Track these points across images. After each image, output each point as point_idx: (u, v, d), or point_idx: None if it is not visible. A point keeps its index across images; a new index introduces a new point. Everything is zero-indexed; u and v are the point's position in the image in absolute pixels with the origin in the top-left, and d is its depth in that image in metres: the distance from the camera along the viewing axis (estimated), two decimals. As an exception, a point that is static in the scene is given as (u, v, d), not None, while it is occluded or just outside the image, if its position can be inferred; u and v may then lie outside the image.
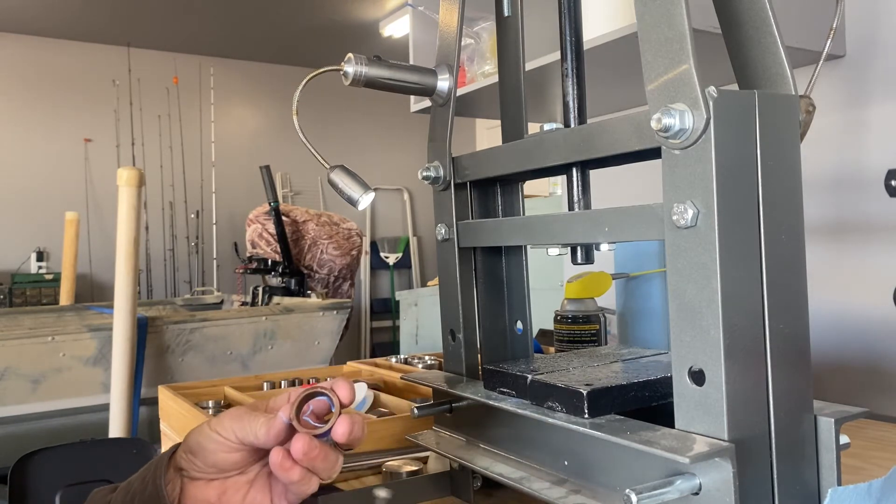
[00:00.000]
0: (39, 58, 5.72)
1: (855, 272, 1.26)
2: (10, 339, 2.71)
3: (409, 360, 1.45)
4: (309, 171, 6.57)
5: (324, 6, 5.29)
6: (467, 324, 0.80)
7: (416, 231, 7.21)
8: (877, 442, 0.93)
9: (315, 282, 4.69)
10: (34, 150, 5.69)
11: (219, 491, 0.62)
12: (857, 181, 1.26)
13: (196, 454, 0.61)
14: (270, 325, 3.24)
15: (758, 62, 0.61)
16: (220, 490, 0.62)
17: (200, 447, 0.61)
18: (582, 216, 0.64)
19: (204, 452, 0.61)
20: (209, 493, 0.62)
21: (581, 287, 1.20)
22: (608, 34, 1.15)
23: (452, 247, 0.80)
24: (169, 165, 5.95)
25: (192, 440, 0.62)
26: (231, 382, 1.28)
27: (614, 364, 0.71)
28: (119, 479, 0.65)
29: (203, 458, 0.61)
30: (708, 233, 0.51)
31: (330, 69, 0.80)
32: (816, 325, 0.68)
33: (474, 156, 0.77)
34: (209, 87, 6.09)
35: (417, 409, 0.78)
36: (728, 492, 0.49)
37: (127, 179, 2.66)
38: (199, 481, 0.62)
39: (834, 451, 0.55)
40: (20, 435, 2.71)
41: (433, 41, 1.06)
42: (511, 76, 0.84)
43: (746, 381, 0.51)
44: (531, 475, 0.65)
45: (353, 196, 0.85)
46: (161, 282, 5.96)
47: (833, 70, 1.29)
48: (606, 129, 0.60)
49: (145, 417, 2.85)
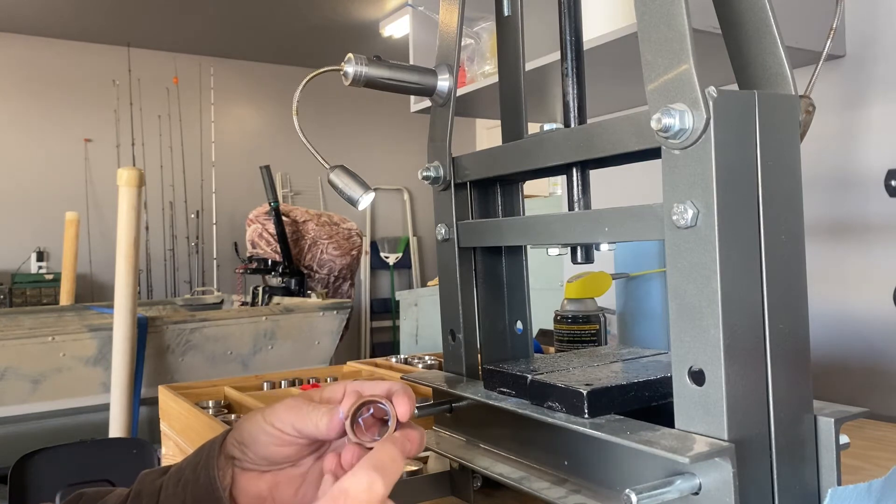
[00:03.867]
0: (39, 58, 5.72)
1: (855, 272, 1.26)
2: (10, 339, 2.71)
3: (409, 360, 1.45)
4: (309, 171, 6.57)
5: (324, 6, 5.29)
6: (467, 324, 0.80)
7: (416, 231, 7.21)
8: (877, 442, 0.93)
9: (315, 282, 4.69)
10: (34, 150, 5.69)
11: (270, 484, 0.60)
12: (857, 181, 1.26)
13: (249, 446, 0.59)
14: (270, 325, 3.24)
15: (758, 62, 0.61)
16: (272, 483, 0.60)
17: (253, 439, 0.59)
18: (582, 216, 0.64)
19: (256, 445, 0.59)
20: (261, 486, 0.60)
21: (581, 287, 1.20)
22: (608, 34, 1.15)
23: (452, 247, 0.80)
24: (169, 165, 5.95)
25: (244, 430, 0.59)
26: (231, 382, 1.28)
27: (614, 364, 0.71)
28: (119, 479, 0.65)
29: (255, 451, 0.59)
30: (708, 233, 0.51)
31: (330, 69, 0.80)
32: (816, 325, 0.68)
33: (474, 156, 0.77)
34: (209, 87, 6.09)
35: (417, 409, 0.78)
36: (728, 492, 0.49)
37: (127, 179, 2.67)
38: (251, 472, 0.60)
39: (834, 451, 0.55)
40: (20, 435, 2.72)
41: (433, 41, 1.06)
42: (511, 76, 0.84)
43: (746, 381, 0.51)
44: (531, 475, 0.65)
45: (353, 196, 0.85)
46: (161, 282, 5.96)
47: (833, 70, 1.29)
48: (606, 129, 0.60)
49: (145, 417, 2.85)
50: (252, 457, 0.59)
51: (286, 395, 1.20)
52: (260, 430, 0.58)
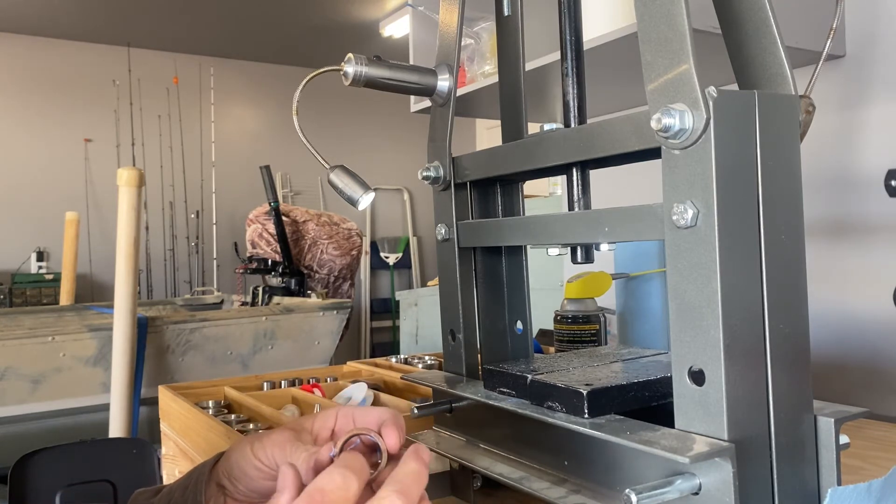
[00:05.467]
0: (39, 58, 5.72)
1: (855, 272, 1.26)
2: (10, 339, 2.70)
3: (409, 360, 1.45)
4: (309, 171, 6.57)
5: (324, 6, 5.29)
6: (467, 324, 0.80)
7: (416, 231, 7.21)
8: (877, 442, 0.93)
9: (315, 282, 4.69)
10: (34, 150, 5.69)
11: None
12: (857, 181, 1.26)
13: (238, 479, 0.59)
14: (270, 325, 3.24)
15: (758, 62, 0.61)
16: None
17: (242, 472, 0.59)
18: (582, 216, 0.64)
19: (245, 478, 0.59)
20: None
21: (581, 287, 1.20)
22: (608, 34, 1.15)
23: (452, 247, 0.80)
24: (169, 165, 5.95)
25: (233, 463, 0.59)
26: (231, 382, 1.28)
27: (614, 364, 0.71)
28: (119, 479, 0.65)
29: (245, 484, 0.59)
30: (708, 233, 0.51)
31: (330, 69, 0.80)
32: (816, 325, 0.68)
33: (474, 156, 0.77)
34: (209, 87, 6.09)
35: (417, 409, 0.78)
36: (728, 492, 0.49)
37: (127, 179, 2.66)
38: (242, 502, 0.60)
39: (834, 451, 0.55)
40: (20, 435, 2.71)
41: (433, 41, 1.06)
42: (511, 76, 0.84)
43: (746, 381, 0.51)
44: (531, 475, 0.65)
45: (353, 196, 0.85)
46: (161, 282, 5.96)
47: (833, 70, 1.29)
48: (606, 129, 0.60)
49: (145, 417, 2.85)
50: (242, 489, 0.60)
51: (286, 395, 1.20)
52: (248, 464, 0.58)
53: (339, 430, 0.60)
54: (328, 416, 0.61)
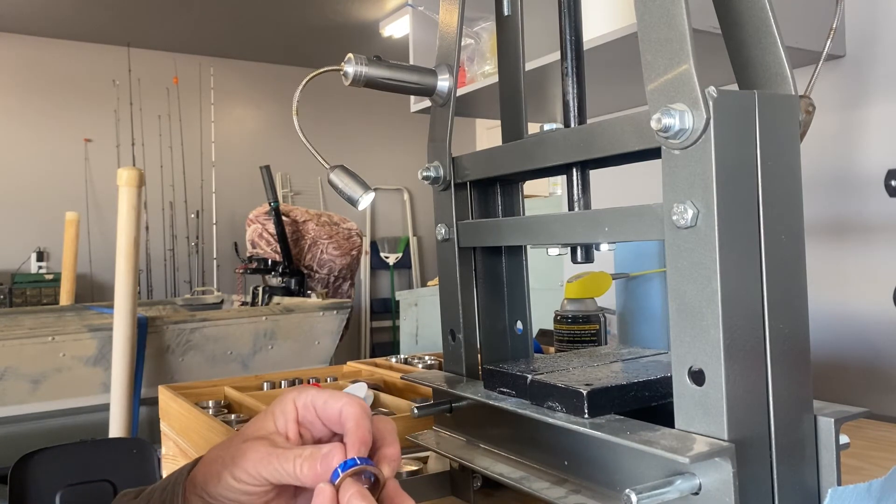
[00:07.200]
0: (39, 58, 5.72)
1: (855, 272, 1.26)
2: (10, 339, 2.71)
3: (409, 360, 1.45)
4: (309, 171, 6.57)
5: (324, 6, 5.29)
6: (467, 324, 0.80)
7: (416, 231, 7.21)
8: (877, 442, 0.93)
9: (315, 282, 4.69)
10: (34, 150, 5.69)
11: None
12: (857, 181, 1.26)
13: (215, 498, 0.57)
14: (270, 325, 3.24)
15: (758, 62, 0.61)
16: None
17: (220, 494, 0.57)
18: (582, 216, 0.64)
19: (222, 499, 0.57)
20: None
21: (581, 287, 1.20)
22: (608, 34, 1.15)
23: (452, 247, 0.80)
24: (169, 165, 5.95)
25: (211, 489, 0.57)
26: (231, 382, 1.28)
27: (614, 364, 0.71)
28: (119, 479, 0.65)
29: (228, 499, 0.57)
30: (708, 233, 0.51)
31: (330, 69, 0.80)
32: (816, 325, 0.68)
33: (474, 156, 0.77)
34: (209, 87, 6.09)
35: (417, 409, 0.78)
36: (728, 492, 0.49)
37: (127, 179, 2.67)
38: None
39: (834, 451, 0.55)
40: (20, 435, 2.71)
41: (433, 41, 1.06)
42: (511, 76, 0.84)
43: (746, 381, 0.51)
44: (531, 475, 0.65)
45: (353, 196, 0.85)
46: (161, 282, 5.96)
47: (833, 70, 1.29)
48: (606, 129, 0.60)
49: (145, 417, 2.85)
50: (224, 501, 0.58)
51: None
52: (233, 490, 0.56)
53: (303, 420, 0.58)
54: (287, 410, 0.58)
